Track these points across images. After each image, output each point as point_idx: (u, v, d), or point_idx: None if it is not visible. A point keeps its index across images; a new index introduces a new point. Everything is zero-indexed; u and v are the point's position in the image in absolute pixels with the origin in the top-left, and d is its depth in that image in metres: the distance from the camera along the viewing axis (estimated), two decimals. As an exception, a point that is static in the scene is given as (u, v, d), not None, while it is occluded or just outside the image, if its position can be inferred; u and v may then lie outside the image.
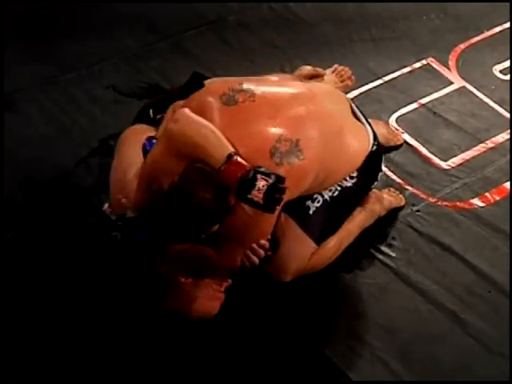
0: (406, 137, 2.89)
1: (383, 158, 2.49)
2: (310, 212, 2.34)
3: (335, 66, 2.81)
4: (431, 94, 3.04)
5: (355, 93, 3.01)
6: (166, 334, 2.31)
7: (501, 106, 2.98)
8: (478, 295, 2.43)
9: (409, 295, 2.44)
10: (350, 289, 2.37)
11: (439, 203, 2.69)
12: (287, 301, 2.41)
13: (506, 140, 2.87)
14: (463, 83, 3.08)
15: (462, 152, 2.85)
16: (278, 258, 2.30)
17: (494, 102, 3.00)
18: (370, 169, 2.42)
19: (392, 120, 2.93)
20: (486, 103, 3.00)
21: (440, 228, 2.61)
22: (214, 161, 2.06)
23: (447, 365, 2.27)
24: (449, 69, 3.13)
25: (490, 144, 2.87)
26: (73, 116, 2.95)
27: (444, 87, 3.06)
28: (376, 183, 2.50)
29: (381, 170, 2.48)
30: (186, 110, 2.16)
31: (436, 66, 3.15)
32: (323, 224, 2.36)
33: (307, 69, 2.78)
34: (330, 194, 2.37)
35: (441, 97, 3.03)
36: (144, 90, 3.02)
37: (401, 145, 2.81)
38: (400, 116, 2.96)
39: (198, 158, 2.09)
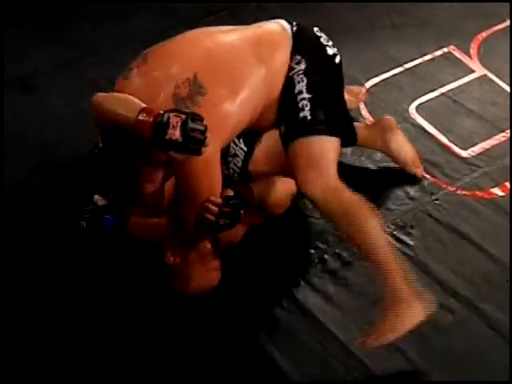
0: (426, 125, 2.88)
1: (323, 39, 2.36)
2: (309, 118, 2.26)
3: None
4: (452, 82, 3.02)
5: (376, 80, 3.00)
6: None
7: (522, 95, 2.97)
8: (496, 285, 2.42)
9: (427, 284, 2.42)
10: (367, 277, 2.36)
11: (458, 192, 2.68)
12: (307, 288, 2.42)
13: (527, 129, 2.86)
14: (484, 71, 3.06)
15: (482, 141, 2.83)
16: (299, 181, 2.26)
17: (516, 90, 2.99)
18: (305, 45, 2.31)
19: (412, 108, 2.92)
20: (507, 92, 2.98)
21: (459, 217, 2.60)
22: (129, 119, 2.04)
23: (464, 355, 2.26)
24: (470, 57, 3.11)
25: (510, 133, 2.85)
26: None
27: (465, 75, 3.05)
28: (329, 48, 2.35)
29: (319, 37, 2.35)
30: (98, 93, 2.20)
31: (457, 53, 3.12)
32: (326, 111, 2.28)
33: None
34: (303, 86, 2.27)
35: (461, 85, 3.01)
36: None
37: (417, 177, 2.69)
38: (420, 104, 2.95)
39: (119, 124, 2.07)
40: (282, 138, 2.32)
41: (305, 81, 2.28)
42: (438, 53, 3.12)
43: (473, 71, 3.06)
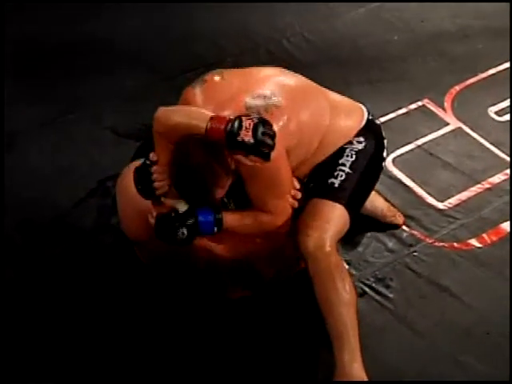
0: (403, 177, 2.91)
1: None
2: (336, 185, 2.37)
3: None
4: (427, 134, 3.07)
5: (352, 134, 3.03)
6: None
7: (497, 147, 3.01)
8: (476, 337, 2.43)
9: (407, 336, 2.44)
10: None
11: (436, 244, 2.70)
12: (284, 337, 2.43)
13: (503, 181, 2.89)
14: (459, 124, 3.11)
15: (459, 193, 2.86)
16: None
17: (490, 143, 3.03)
18: (373, 134, 2.47)
19: (389, 161, 2.96)
20: (482, 144, 3.03)
21: (437, 269, 2.62)
22: (200, 128, 2.15)
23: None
24: (444, 110, 3.17)
25: (486, 185, 2.89)
26: (71, 157, 2.97)
27: (440, 128, 3.09)
28: (385, 151, 2.51)
29: (384, 138, 2.51)
30: (162, 107, 2.30)
31: (432, 107, 3.18)
32: (353, 189, 2.39)
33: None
34: (349, 161, 2.40)
35: (437, 138, 3.06)
36: (143, 131, 3.04)
37: (399, 225, 2.74)
38: (397, 157, 2.99)
39: (187, 134, 2.18)
40: (305, 192, 2.38)
41: (353, 158, 2.40)
42: (413, 106, 3.17)
43: (447, 124, 3.11)
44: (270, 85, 2.31)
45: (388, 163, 2.95)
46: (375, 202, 2.69)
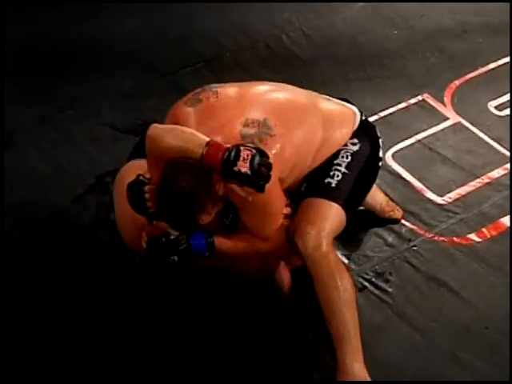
0: (403, 172, 2.90)
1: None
2: (333, 185, 2.35)
3: None
4: (427, 129, 3.06)
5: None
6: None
7: (496, 142, 3.00)
8: (475, 333, 2.42)
9: (406, 332, 2.43)
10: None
11: (436, 239, 2.69)
12: (282, 337, 2.42)
13: (502, 175, 2.88)
14: (459, 119, 3.10)
15: (458, 187, 2.85)
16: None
17: (490, 137, 3.02)
18: (367, 135, 2.45)
19: (388, 156, 2.95)
20: (482, 139, 3.02)
21: (437, 264, 2.61)
22: (194, 153, 2.13)
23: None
24: (444, 105, 3.16)
25: (485, 179, 2.87)
26: (70, 155, 2.98)
27: (439, 123, 3.08)
28: (381, 151, 2.49)
29: (379, 137, 2.49)
30: (155, 125, 2.27)
31: (431, 102, 3.17)
32: (351, 189, 2.37)
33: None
34: (345, 162, 2.38)
35: (436, 133, 3.05)
36: (141, 127, 3.04)
37: (397, 220, 2.73)
38: (396, 152, 2.98)
39: (184, 156, 2.14)
40: (298, 195, 2.36)
41: (349, 159, 2.39)
42: (413, 101, 3.16)
43: (447, 119, 3.10)
44: (264, 108, 2.26)
45: (388, 158, 2.94)
46: (375, 196, 2.67)
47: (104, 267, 2.60)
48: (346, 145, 2.41)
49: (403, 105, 3.15)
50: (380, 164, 2.50)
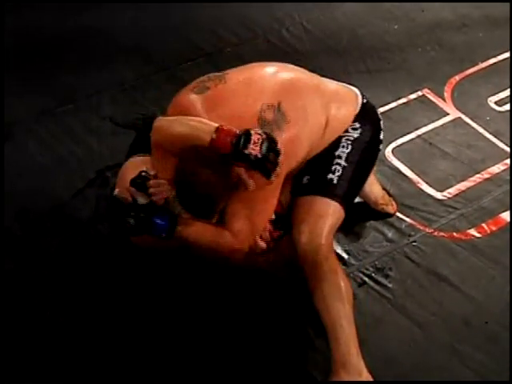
0: (403, 167, 2.91)
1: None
2: (334, 182, 2.36)
3: None
4: (427, 124, 3.06)
5: (351, 124, 3.02)
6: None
7: (496, 137, 3.00)
8: (475, 326, 2.43)
9: (406, 326, 2.44)
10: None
11: (436, 234, 2.69)
12: (282, 328, 2.42)
13: (502, 171, 2.89)
14: (459, 114, 3.10)
15: (458, 183, 2.86)
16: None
17: (490, 132, 3.02)
18: (368, 118, 2.45)
19: (388, 151, 2.95)
20: (482, 134, 3.02)
21: (437, 259, 2.62)
22: (203, 140, 2.13)
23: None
24: (444, 100, 3.16)
25: (485, 175, 2.88)
26: (70, 147, 2.97)
27: (439, 118, 3.08)
28: (382, 132, 2.49)
29: (380, 119, 2.50)
30: (160, 117, 2.27)
31: (431, 97, 3.17)
32: (350, 183, 2.37)
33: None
34: (345, 152, 2.38)
35: (436, 128, 3.05)
36: (141, 121, 3.03)
37: (390, 214, 2.73)
38: (396, 147, 2.98)
39: (190, 145, 2.15)
40: (300, 187, 2.37)
41: (349, 148, 2.38)
42: (413, 96, 3.16)
43: (447, 114, 3.10)
44: (274, 92, 2.27)
45: (387, 153, 2.94)
46: (372, 187, 2.67)
47: (103, 260, 2.59)
48: (346, 130, 2.40)
49: (403, 100, 3.15)
50: (380, 147, 2.50)
